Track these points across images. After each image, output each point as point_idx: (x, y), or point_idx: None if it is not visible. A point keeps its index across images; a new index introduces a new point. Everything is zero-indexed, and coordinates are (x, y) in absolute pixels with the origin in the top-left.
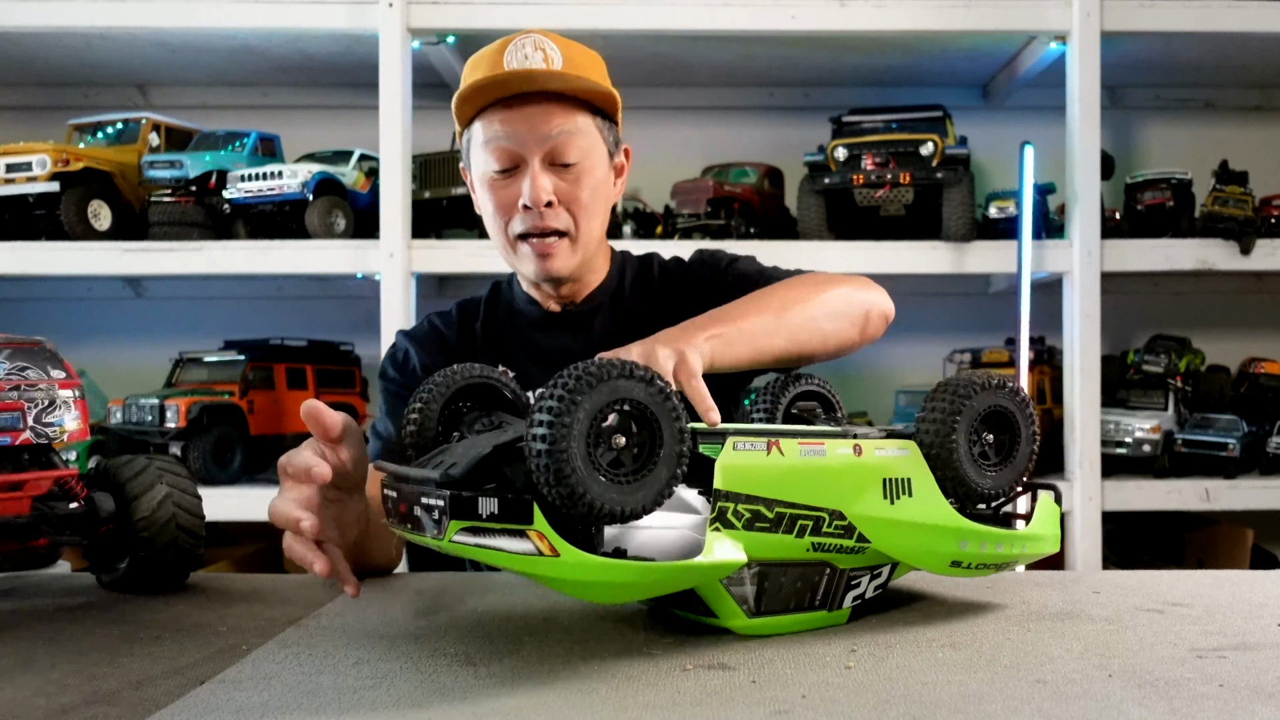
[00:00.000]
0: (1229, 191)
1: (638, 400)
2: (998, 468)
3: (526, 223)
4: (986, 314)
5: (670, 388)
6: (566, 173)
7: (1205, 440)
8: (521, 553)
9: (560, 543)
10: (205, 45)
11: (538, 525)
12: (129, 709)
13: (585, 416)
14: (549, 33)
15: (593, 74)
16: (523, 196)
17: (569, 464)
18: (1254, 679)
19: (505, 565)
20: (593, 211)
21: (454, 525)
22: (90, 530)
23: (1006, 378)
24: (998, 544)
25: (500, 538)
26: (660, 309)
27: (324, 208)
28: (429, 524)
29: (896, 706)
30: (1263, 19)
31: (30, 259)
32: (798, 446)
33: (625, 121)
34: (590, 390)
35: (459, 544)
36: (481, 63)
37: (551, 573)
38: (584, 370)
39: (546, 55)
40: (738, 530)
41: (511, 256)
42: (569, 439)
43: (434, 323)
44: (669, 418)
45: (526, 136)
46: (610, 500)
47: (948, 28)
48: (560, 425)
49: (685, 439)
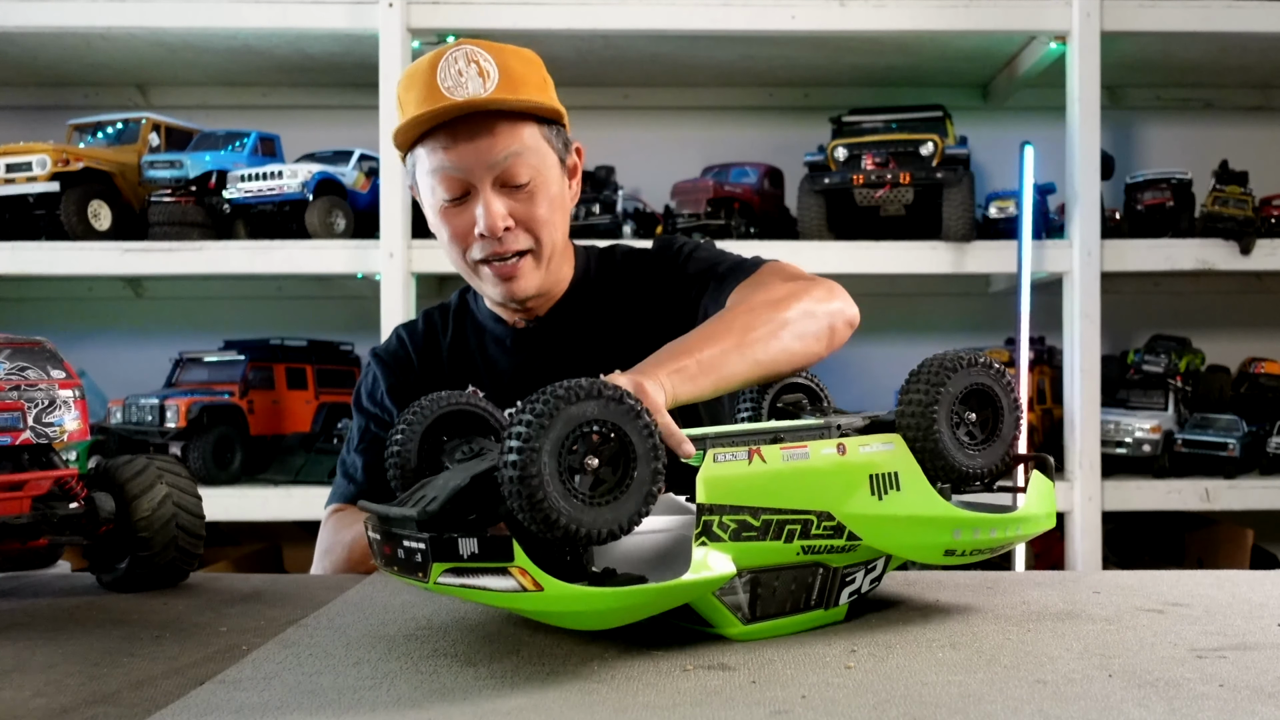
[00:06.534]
0: (1229, 191)
1: (608, 420)
2: (984, 445)
3: (486, 249)
4: (986, 314)
5: (641, 405)
6: (520, 193)
7: (1205, 440)
8: (506, 590)
9: (543, 576)
10: (205, 45)
11: (519, 561)
12: (129, 709)
13: (555, 440)
14: (480, 41)
15: (533, 85)
16: (478, 225)
17: (542, 489)
18: (1254, 679)
19: (492, 603)
20: (552, 224)
21: (438, 568)
22: (90, 530)
23: (979, 353)
24: (991, 529)
25: (484, 576)
26: (626, 306)
27: (324, 208)
28: (413, 566)
29: (896, 706)
30: (1263, 19)
31: (30, 259)
32: (779, 452)
33: (625, 122)
34: (558, 413)
35: (444, 585)
36: (415, 83)
37: (537, 607)
38: (551, 394)
39: (482, 69)
40: (725, 542)
41: (475, 280)
42: (539, 464)
43: (402, 338)
44: (641, 435)
45: (474, 164)
46: (586, 522)
47: (948, 28)
48: (530, 450)
49: (660, 455)
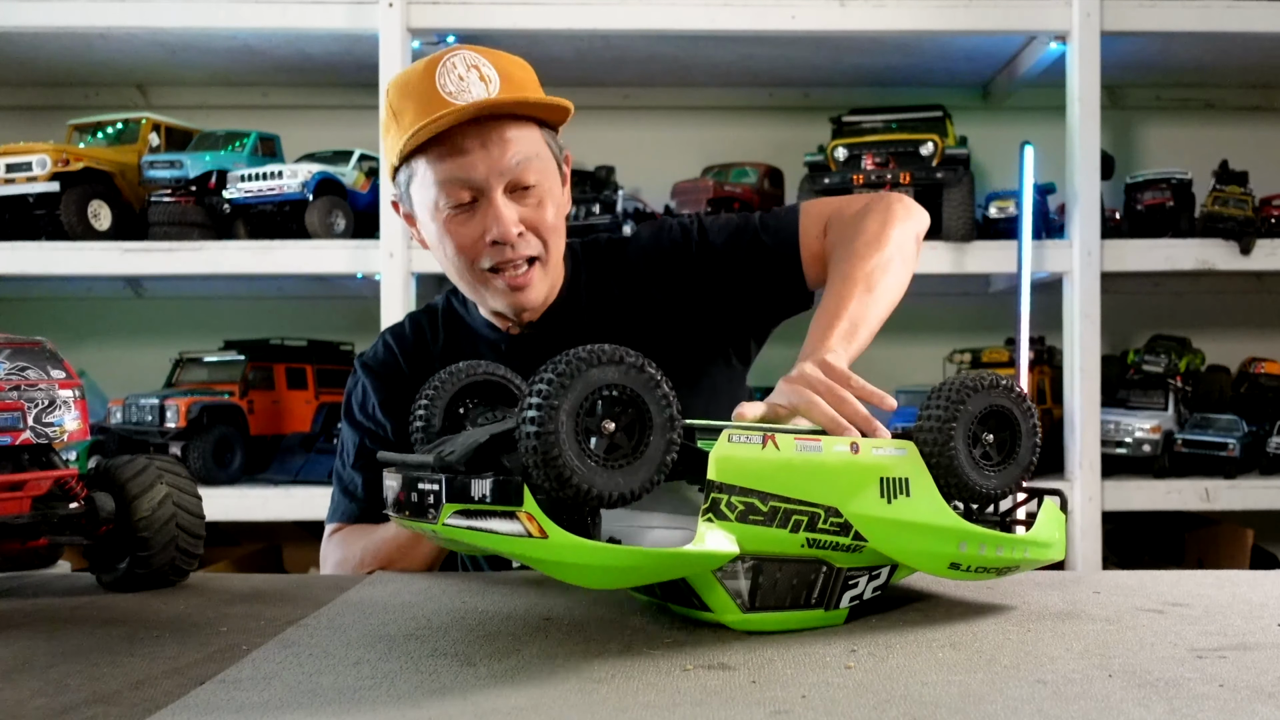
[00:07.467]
0: (1229, 191)
1: (627, 386)
2: (1001, 467)
3: (497, 256)
4: (986, 314)
5: (660, 375)
6: (528, 195)
7: (1205, 440)
8: (511, 534)
9: (549, 524)
10: (205, 45)
11: (527, 507)
12: (129, 709)
13: (574, 400)
14: (473, 46)
15: (531, 88)
16: (490, 232)
17: (557, 447)
18: (1254, 679)
19: (495, 547)
20: (558, 230)
21: (448, 508)
22: (90, 530)
23: (1001, 376)
24: (998, 547)
25: (492, 520)
26: (622, 300)
27: (324, 208)
28: (424, 508)
29: (896, 706)
30: (1263, 19)
31: (30, 259)
32: (793, 442)
33: (625, 122)
34: (580, 375)
35: (453, 526)
36: (412, 91)
37: (539, 554)
38: (575, 356)
39: (483, 75)
40: (731, 522)
41: (479, 291)
42: (558, 422)
43: (390, 346)
44: (658, 404)
45: (486, 170)
46: (599, 484)
47: (948, 28)
48: (549, 409)
49: (675, 425)
